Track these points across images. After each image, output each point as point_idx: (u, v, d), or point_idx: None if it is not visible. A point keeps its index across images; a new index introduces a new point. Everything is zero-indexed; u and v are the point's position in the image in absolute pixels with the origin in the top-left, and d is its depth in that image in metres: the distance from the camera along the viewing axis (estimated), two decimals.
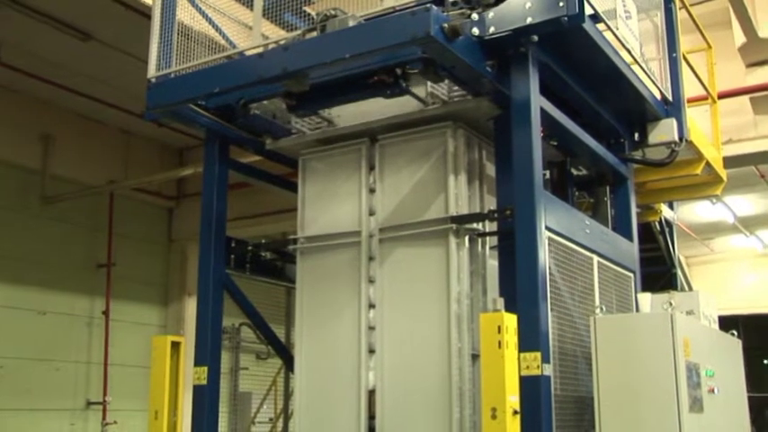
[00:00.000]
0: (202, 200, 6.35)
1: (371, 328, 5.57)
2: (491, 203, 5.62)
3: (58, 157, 11.35)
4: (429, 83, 5.43)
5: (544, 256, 5.08)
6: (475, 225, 5.45)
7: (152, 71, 5.79)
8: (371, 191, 5.79)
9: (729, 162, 8.29)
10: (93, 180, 11.74)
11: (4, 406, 10.65)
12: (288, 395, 7.44)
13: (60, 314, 11.52)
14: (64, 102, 11.17)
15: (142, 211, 12.87)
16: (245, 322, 10.68)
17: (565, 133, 5.89)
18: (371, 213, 5.74)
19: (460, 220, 5.39)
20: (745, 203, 14.33)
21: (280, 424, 12.28)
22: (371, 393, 5.48)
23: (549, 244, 5.20)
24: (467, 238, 5.43)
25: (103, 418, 11.80)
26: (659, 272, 9.05)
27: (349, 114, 5.92)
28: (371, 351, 5.54)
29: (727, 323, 6.34)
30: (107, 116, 11.66)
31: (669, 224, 9.25)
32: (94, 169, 11.85)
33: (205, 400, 5.92)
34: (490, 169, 5.76)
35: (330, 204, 5.96)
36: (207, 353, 5.98)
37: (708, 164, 7.34)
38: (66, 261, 11.68)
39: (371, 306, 5.60)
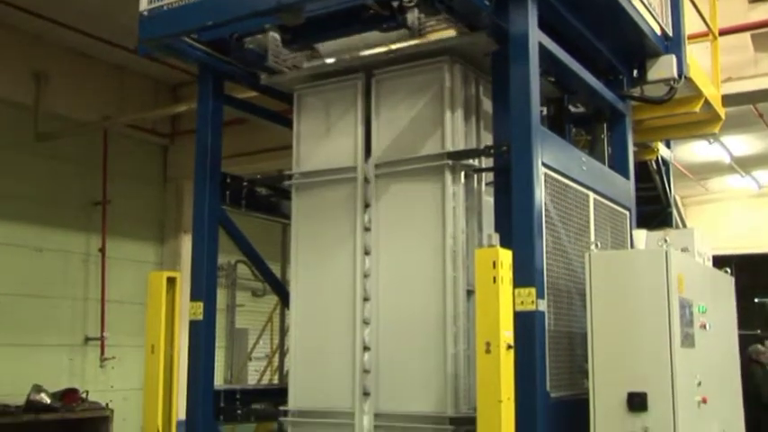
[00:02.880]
0: (197, 135, 6.31)
1: (367, 263, 5.58)
2: (488, 140, 5.60)
3: (51, 94, 11.22)
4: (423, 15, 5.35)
5: (540, 192, 5.07)
6: (471, 161, 5.44)
7: (144, 3, 5.67)
8: (367, 126, 5.74)
9: (728, 100, 8.23)
10: (86, 117, 11.63)
11: (3, 341, 10.74)
12: (284, 331, 7.50)
13: (57, 251, 11.54)
14: (56, 37, 10.99)
15: (137, 149, 12.80)
16: (242, 259, 10.72)
17: (563, 69, 5.83)
18: (367, 149, 5.71)
19: (457, 155, 5.36)
20: (742, 143, 14.27)
21: (276, 360, 12.42)
22: (367, 328, 5.52)
23: (545, 180, 5.19)
24: (463, 174, 5.41)
25: (102, 353, 11.93)
26: (654, 211, 9.06)
27: (344, 49, 5.85)
28: (367, 286, 5.56)
29: (720, 263, 6.36)
30: (100, 52, 11.49)
31: (665, 163, 9.22)
32: (88, 106, 11.73)
33: (201, 335, 5.96)
34: (487, 105, 5.72)
35: (325, 140, 5.93)
36: (202, 288, 6.00)
37: (706, 101, 7.28)
38: (61, 199, 11.65)
39: (367, 242, 5.61)
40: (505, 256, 4.56)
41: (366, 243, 5.60)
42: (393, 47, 5.60)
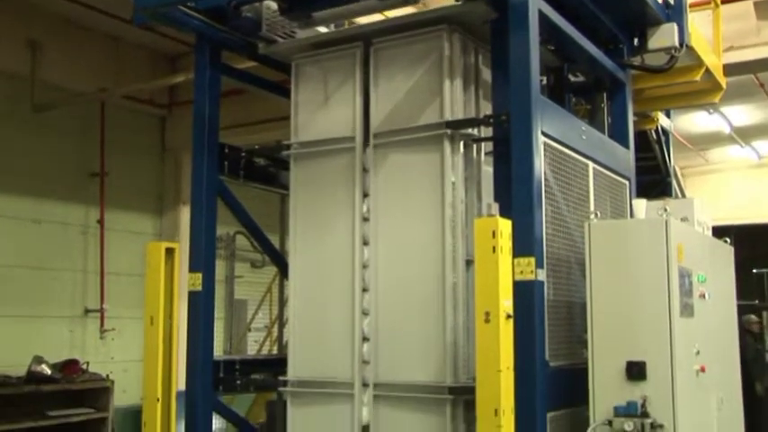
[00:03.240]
0: (194, 105, 6.26)
1: (365, 233, 5.56)
2: (487, 109, 5.56)
3: (46, 65, 11.13)
4: None
5: (540, 161, 5.06)
6: (470, 131, 5.40)
7: None
8: (365, 96, 5.70)
9: (730, 69, 8.17)
10: (83, 88, 11.55)
11: (3, 312, 10.75)
12: (283, 302, 7.51)
13: (55, 223, 11.51)
14: (50, 7, 10.89)
15: (134, 120, 12.73)
16: (240, 231, 10.70)
17: (563, 37, 5.78)
18: (365, 119, 5.67)
19: (456, 125, 5.32)
20: (742, 114, 14.22)
21: (275, 330, 12.46)
22: (365, 298, 5.51)
23: (544, 150, 5.17)
24: (462, 143, 5.38)
25: (101, 325, 11.95)
26: (654, 180, 9.04)
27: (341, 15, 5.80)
28: (365, 257, 5.55)
29: (719, 234, 6.36)
30: (96, 22, 11.38)
31: (665, 133, 9.19)
32: (85, 77, 11.63)
33: (200, 306, 5.96)
34: (486, 74, 5.68)
35: (323, 110, 5.88)
36: (201, 259, 6.00)
37: (707, 71, 7.23)
38: (58, 170, 11.60)
39: (365, 212, 5.59)
40: (505, 226, 4.54)
41: (364, 213, 5.58)
42: (391, 15, 5.55)
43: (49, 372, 10.61)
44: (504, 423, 4.37)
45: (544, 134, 5.16)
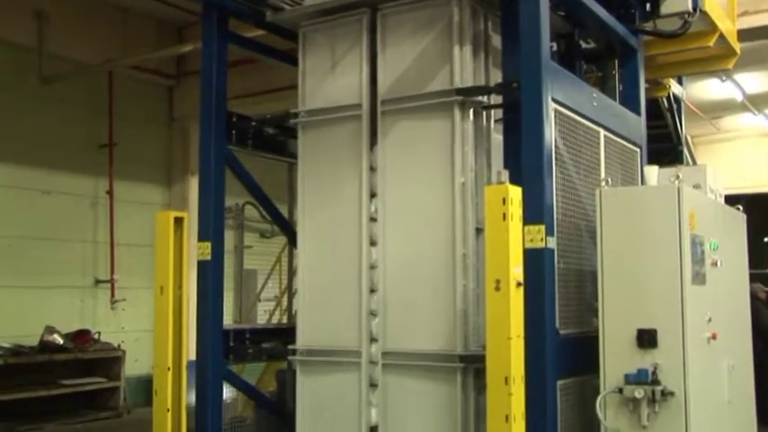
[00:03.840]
0: (202, 74, 6.23)
1: (374, 201, 5.52)
2: (497, 76, 5.50)
3: (53, 36, 11.09)
4: None
5: (550, 128, 5.01)
6: (480, 98, 5.33)
7: None
8: (373, 63, 5.64)
9: (744, 35, 8.03)
10: (90, 59, 11.51)
11: (14, 283, 10.81)
12: (292, 272, 7.49)
13: (65, 194, 11.54)
14: None
15: (142, 91, 12.70)
16: (249, 201, 10.67)
17: (574, 3, 5.70)
18: (373, 86, 5.61)
19: (466, 92, 5.26)
20: (755, 81, 14.04)
21: (285, 300, 12.46)
22: (374, 267, 5.49)
23: (555, 117, 5.12)
24: (471, 110, 5.32)
25: (112, 295, 12.01)
26: (665, 149, 8.95)
27: None
28: (374, 226, 5.52)
29: (731, 202, 6.30)
30: None
31: (677, 100, 9.08)
32: (92, 48, 11.59)
33: (209, 275, 5.96)
34: (496, 41, 5.60)
35: (331, 77, 5.83)
36: (210, 228, 5.99)
37: (721, 36, 7.11)
38: (67, 142, 11.61)
39: (373, 180, 5.55)
40: (515, 194, 4.51)
41: (373, 181, 5.54)
42: None
43: (61, 341, 10.71)
44: (515, 391, 4.36)
45: (555, 101, 5.10)
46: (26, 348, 10.48)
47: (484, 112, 5.41)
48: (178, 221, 5.68)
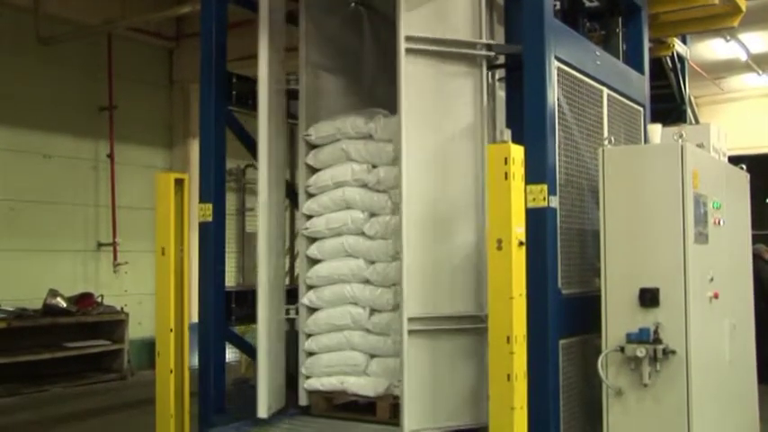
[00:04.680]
0: (201, 33, 6.17)
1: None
2: (500, 33, 5.42)
3: None
4: None
5: (553, 87, 4.96)
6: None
7: None
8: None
9: None
10: (89, 20, 11.40)
11: (17, 247, 10.82)
12: (293, 235, 7.48)
13: (65, 158, 11.50)
14: None
15: (142, 53, 12.60)
16: (251, 164, 10.65)
17: None
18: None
19: (498, 48, 5.19)
20: (760, 40, 13.88)
21: (286, 263, 12.47)
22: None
23: (558, 75, 5.08)
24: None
25: (114, 258, 12.02)
26: (668, 108, 8.90)
27: None
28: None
29: (735, 164, 6.26)
30: None
31: (681, 60, 9.01)
32: (90, 9, 11.46)
33: (211, 237, 5.95)
34: None
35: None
36: (211, 189, 5.97)
37: None
38: (67, 104, 11.54)
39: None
40: (517, 153, 4.47)
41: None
42: None
43: (64, 305, 10.74)
44: (517, 350, 4.36)
45: (558, 59, 5.05)
46: (30, 311, 10.52)
47: (489, 72, 5.33)
48: (179, 183, 5.65)
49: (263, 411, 5.51)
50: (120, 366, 11.27)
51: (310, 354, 5.69)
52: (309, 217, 5.77)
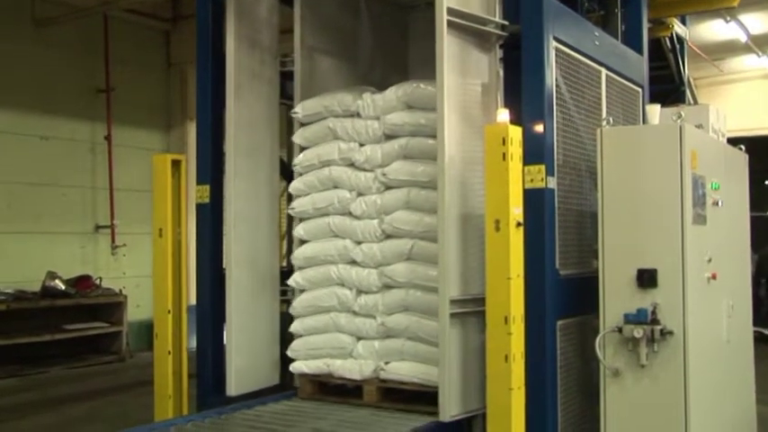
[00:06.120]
0: (197, 15, 6.12)
1: None
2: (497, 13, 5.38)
3: None
4: None
5: (551, 67, 4.93)
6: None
7: None
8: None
9: None
10: (84, 1, 11.33)
11: (16, 229, 10.83)
12: (291, 217, 7.45)
13: (63, 140, 11.48)
14: None
15: (139, 35, 12.55)
16: None
17: None
18: None
19: (510, 29, 5.10)
20: (760, 21, 13.84)
21: (284, 245, 12.47)
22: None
23: (556, 55, 5.04)
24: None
25: (112, 241, 12.03)
26: (667, 90, 8.86)
27: None
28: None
29: (733, 145, 6.24)
30: None
31: (680, 40, 8.97)
32: None
33: (208, 219, 5.93)
34: None
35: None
36: (208, 171, 5.94)
37: None
38: (64, 86, 11.50)
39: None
40: (515, 133, 4.46)
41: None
42: None
43: (63, 287, 10.75)
44: (514, 330, 4.37)
45: (556, 39, 5.02)
46: (28, 294, 10.53)
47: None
48: (176, 164, 5.64)
49: (230, 389, 5.51)
50: (118, 348, 11.31)
51: (297, 336, 5.57)
52: (297, 197, 5.65)
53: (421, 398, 5.08)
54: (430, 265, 5.01)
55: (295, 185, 5.66)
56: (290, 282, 5.59)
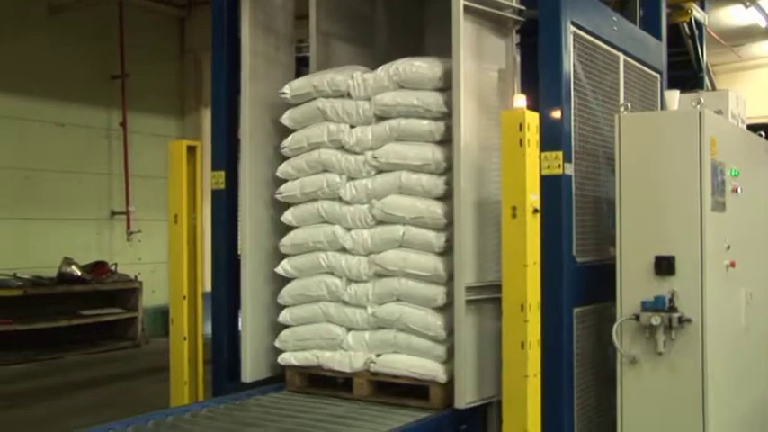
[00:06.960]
0: (213, 1, 6.09)
1: None
2: None
3: None
4: None
5: (569, 52, 4.88)
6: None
7: None
8: None
9: None
10: None
11: (32, 215, 10.88)
12: None
13: (78, 126, 11.52)
14: None
15: (153, 21, 12.56)
16: None
17: None
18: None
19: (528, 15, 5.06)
20: None
21: None
22: None
23: (574, 40, 4.98)
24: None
25: (128, 227, 12.07)
26: (686, 76, 8.78)
27: None
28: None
29: (753, 131, 6.17)
30: None
31: (699, 26, 8.88)
32: None
33: (223, 205, 5.93)
34: None
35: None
36: (223, 157, 5.93)
37: None
38: (79, 73, 11.53)
39: None
40: (532, 119, 4.42)
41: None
42: None
43: (79, 273, 10.81)
44: (531, 318, 4.34)
45: (574, 24, 4.96)
46: (45, 280, 10.59)
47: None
48: (191, 150, 5.63)
49: (245, 376, 5.45)
50: (134, 334, 11.38)
51: (285, 326, 5.38)
52: (285, 181, 5.42)
53: (414, 391, 4.90)
54: (422, 253, 4.87)
55: (283, 169, 5.38)
56: (278, 269, 5.34)
